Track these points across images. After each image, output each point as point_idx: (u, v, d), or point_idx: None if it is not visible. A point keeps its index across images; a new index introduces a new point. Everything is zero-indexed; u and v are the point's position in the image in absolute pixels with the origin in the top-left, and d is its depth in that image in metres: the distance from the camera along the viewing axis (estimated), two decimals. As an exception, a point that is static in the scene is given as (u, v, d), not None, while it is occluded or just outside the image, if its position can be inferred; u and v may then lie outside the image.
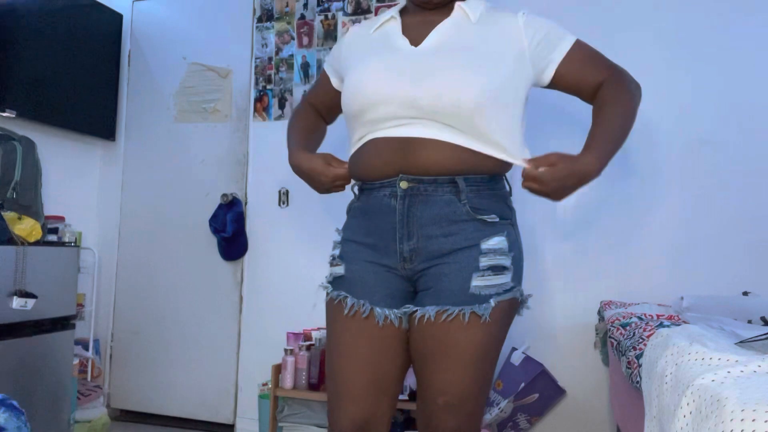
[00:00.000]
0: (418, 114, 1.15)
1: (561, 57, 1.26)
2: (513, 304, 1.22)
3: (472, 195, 1.18)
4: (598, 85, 1.27)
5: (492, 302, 1.15)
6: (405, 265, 1.21)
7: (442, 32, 1.23)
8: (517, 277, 1.22)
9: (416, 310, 1.17)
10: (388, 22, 1.31)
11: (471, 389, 1.16)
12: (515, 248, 1.22)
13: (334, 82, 1.45)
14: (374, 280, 1.22)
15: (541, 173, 1.12)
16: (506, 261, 1.18)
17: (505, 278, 1.18)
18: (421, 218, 1.17)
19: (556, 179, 1.13)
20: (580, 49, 1.28)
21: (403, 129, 1.16)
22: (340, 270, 1.26)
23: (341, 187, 1.32)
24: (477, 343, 1.15)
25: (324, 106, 1.51)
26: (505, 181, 1.29)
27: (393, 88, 1.16)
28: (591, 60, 1.28)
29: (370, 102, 1.19)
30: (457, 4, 1.26)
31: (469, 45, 1.20)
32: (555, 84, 1.28)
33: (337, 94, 1.40)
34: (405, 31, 1.27)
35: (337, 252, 1.29)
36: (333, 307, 1.26)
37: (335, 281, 1.27)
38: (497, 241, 1.18)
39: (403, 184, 1.17)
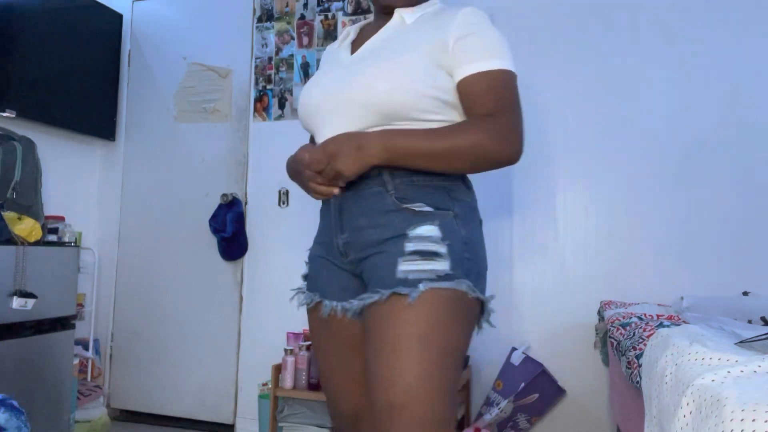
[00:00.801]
0: (344, 115, 1.17)
1: (465, 74, 1.13)
2: (460, 298, 1.09)
3: (403, 186, 1.14)
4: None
5: (421, 287, 1.06)
6: (343, 258, 1.22)
7: (375, 38, 1.25)
8: (461, 269, 1.10)
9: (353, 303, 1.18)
10: (349, 35, 1.35)
11: (416, 388, 1.02)
12: (453, 238, 1.11)
13: None
14: (327, 276, 1.25)
15: (310, 152, 1.11)
16: (438, 248, 1.09)
17: (438, 265, 1.08)
18: (352, 212, 1.18)
19: (334, 141, 1.10)
20: (484, 81, 1.12)
21: (333, 130, 1.18)
22: (306, 270, 1.33)
23: (326, 193, 1.17)
24: (410, 331, 1.05)
25: None
26: (452, 175, 1.17)
27: (323, 96, 1.22)
28: (486, 96, 1.11)
29: (307, 113, 1.25)
30: (396, 11, 1.26)
31: (393, 45, 1.19)
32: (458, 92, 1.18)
33: None
34: (355, 43, 1.32)
35: (308, 253, 1.35)
36: (308, 309, 1.32)
37: (307, 281, 1.32)
38: (426, 229, 1.10)
39: None
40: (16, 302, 2.20)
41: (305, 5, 2.92)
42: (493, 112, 1.10)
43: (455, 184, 1.18)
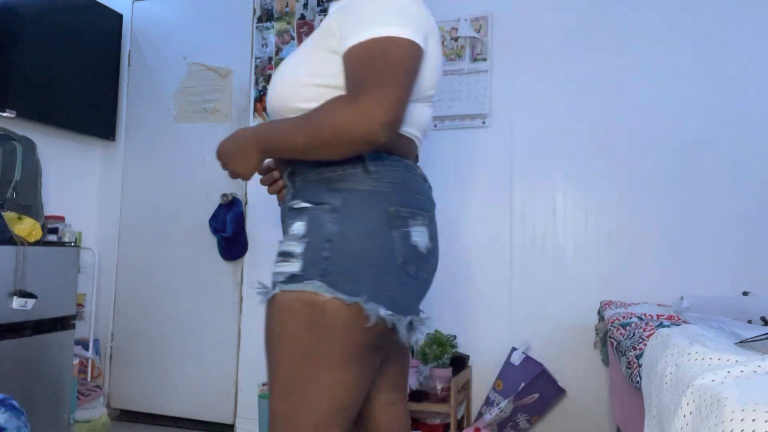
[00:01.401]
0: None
1: (344, 51, 1.03)
2: (309, 301, 0.99)
3: (299, 182, 1.12)
4: None
5: (277, 290, 1.02)
6: None
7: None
8: (315, 269, 1.00)
9: None
10: None
11: (269, 383, 1.05)
12: (314, 234, 1.02)
13: None
14: None
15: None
16: (295, 247, 1.03)
17: (289, 266, 1.02)
18: (282, 213, 1.18)
19: (222, 142, 1.14)
20: (351, 58, 1.01)
21: None
22: None
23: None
24: (265, 334, 1.05)
25: None
26: (345, 162, 1.06)
27: None
28: (348, 74, 1.01)
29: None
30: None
31: (306, 43, 1.15)
32: None
33: None
34: None
35: None
36: None
37: None
38: (294, 227, 1.06)
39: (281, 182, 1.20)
40: (16, 302, 2.20)
41: (305, 5, 2.92)
42: (353, 87, 0.98)
43: (347, 173, 1.06)
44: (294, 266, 1.01)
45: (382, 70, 0.97)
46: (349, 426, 1.07)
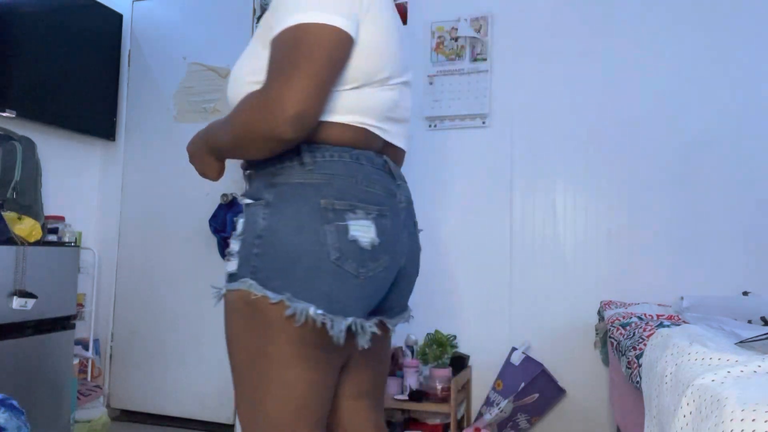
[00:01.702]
0: None
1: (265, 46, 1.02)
2: (243, 299, 0.97)
3: (251, 180, 1.10)
4: None
5: (224, 290, 1.01)
6: None
7: None
8: (247, 266, 0.97)
9: None
10: None
11: (234, 387, 1.07)
12: (248, 230, 1.00)
13: None
14: None
15: None
16: (234, 245, 1.01)
17: (231, 265, 1.00)
18: None
19: (187, 146, 1.18)
20: (274, 44, 0.96)
21: None
22: None
23: None
24: (226, 330, 1.05)
25: None
26: (284, 156, 1.02)
27: None
28: (269, 62, 0.96)
29: None
30: None
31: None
32: None
33: None
34: None
35: None
36: None
37: None
38: (238, 224, 1.03)
39: None
40: (16, 302, 2.20)
41: (305, 5, 2.92)
42: (265, 81, 0.94)
43: (285, 166, 1.01)
44: (233, 264, 0.99)
45: (289, 60, 0.91)
46: (321, 427, 1.04)
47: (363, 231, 0.99)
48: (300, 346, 0.97)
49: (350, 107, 1.02)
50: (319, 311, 0.94)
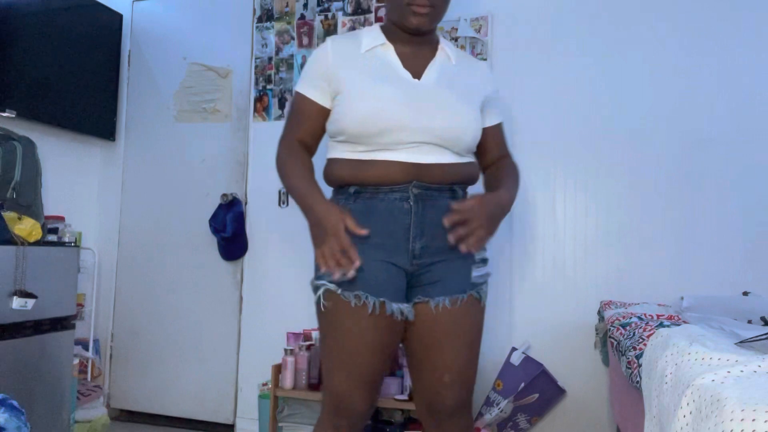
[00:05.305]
0: (426, 139, 1.36)
1: (494, 123, 1.53)
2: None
3: (462, 199, 1.41)
4: (498, 159, 1.55)
5: (485, 289, 1.42)
6: (414, 261, 1.36)
7: (435, 69, 1.43)
8: None
9: (428, 300, 1.35)
10: (381, 47, 1.44)
11: (471, 365, 1.40)
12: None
13: (325, 103, 1.44)
14: (386, 278, 1.33)
15: (472, 206, 1.30)
16: (487, 254, 1.46)
17: (488, 269, 1.45)
18: (431, 219, 1.35)
19: (487, 211, 1.32)
20: (502, 130, 1.57)
21: (415, 150, 1.35)
22: (349, 273, 1.30)
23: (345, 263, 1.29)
24: (478, 325, 1.40)
25: (315, 137, 1.48)
26: None
27: (411, 118, 1.34)
28: (504, 141, 1.57)
29: (390, 127, 1.33)
30: (439, 46, 1.48)
31: (459, 83, 1.43)
32: None
33: (326, 116, 1.44)
34: (402, 61, 1.43)
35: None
36: (342, 304, 1.32)
37: (358, 283, 1.31)
38: None
39: (415, 190, 1.35)
40: (16, 302, 2.20)
41: (305, 5, 2.92)
42: (507, 154, 1.59)
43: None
44: (489, 268, 1.50)
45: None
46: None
47: None
48: None
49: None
50: None
